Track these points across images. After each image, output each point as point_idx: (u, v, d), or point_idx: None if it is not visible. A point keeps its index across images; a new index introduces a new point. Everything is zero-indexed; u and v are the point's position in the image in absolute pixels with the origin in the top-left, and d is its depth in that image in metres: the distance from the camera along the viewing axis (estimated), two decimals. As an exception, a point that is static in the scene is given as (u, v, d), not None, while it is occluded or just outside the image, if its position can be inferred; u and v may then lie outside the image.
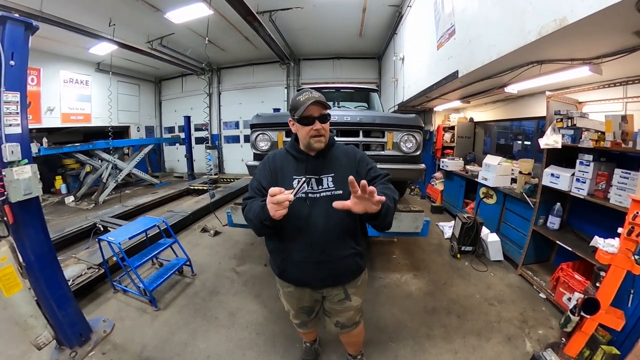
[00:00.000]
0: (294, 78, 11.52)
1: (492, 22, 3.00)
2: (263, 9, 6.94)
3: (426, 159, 8.01)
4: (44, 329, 2.33)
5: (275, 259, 1.84)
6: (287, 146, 1.81)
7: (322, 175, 1.67)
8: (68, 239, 4.87)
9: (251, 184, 1.79)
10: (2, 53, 2.03)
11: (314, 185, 1.66)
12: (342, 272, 1.79)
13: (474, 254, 4.41)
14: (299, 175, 1.66)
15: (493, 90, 4.47)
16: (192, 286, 3.70)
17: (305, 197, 1.63)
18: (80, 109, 10.11)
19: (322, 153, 1.70)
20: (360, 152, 1.84)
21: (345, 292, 1.88)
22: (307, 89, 1.64)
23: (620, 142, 2.73)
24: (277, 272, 1.85)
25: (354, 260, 1.78)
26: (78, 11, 6.36)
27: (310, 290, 1.86)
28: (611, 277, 2.11)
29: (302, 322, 2.10)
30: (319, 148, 1.65)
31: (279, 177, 1.70)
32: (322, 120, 1.61)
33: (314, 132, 1.60)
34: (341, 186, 1.63)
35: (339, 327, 2.03)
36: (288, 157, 1.75)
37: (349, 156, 1.76)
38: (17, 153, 2.10)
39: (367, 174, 1.70)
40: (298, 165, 1.71)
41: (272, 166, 1.75)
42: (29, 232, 2.26)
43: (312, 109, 1.57)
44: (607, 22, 1.91)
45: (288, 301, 2.01)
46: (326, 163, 1.70)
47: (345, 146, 1.85)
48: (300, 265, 1.72)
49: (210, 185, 7.67)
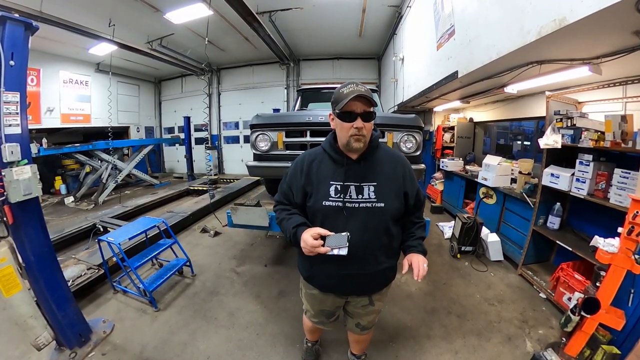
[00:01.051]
0: (293, 78, 11.52)
1: (492, 22, 3.01)
2: (263, 10, 6.95)
3: (426, 159, 8.02)
4: (44, 329, 2.32)
5: (303, 262, 1.76)
6: (324, 144, 1.64)
7: (363, 184, 1.52)
8: (68, 239, 4.86)
9: (281, 186, 1.72)
10: (1, 53, 2.02)
11: (352, 194, 1.51)
12: (372, 284, 1.75)
13: (474, 254, 4.41)
14: (337, 181, 1.53)
15: (493, 91, 4.48)
16: (192, 287, 3.70)
17: (343, 207, 1.50)
18: (80, 109, 10.10)
19: (364, 156, 1.56)
20: (408, 163, 1.68)
21: (370, 299, 1.84)
22: (353, 82, 1.47)
23: (619, 142, 2.73)
24: (305, 275, 1.80)
25: (384, 274, 1.72)
26: (78, 11, 6.36)
27: (334, 296, 1.81)
28: (611, 277, 2.12)
29: (320, 321, 2.06)
30: (357, 149, 1.49)
31: (314, 181, 1.57)
32: (365, 118, 1.44)
33: (354, 131, 1.44)
34: (383, 198, 1.51)
35: (359, 328, 2.01)
36: (325, 159, 1.60)
37: (396, 164, 1.61)
38: (16, 153, 2.09)
39: (414, 204, 1.64)
40: (336, 169, 1.55)
41: (305, 171, 1.60)
42: (28, 232, 2.26)
43: (355, 104, 1.41)
44: (607, 22, 1.91)
45: (309, 302, 1.96)
46: (369, 169, 1.55)
47: (394, 151, 1.73)
48: (330, 275, 1.66)
49: (210, 185, 7.68)
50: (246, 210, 3.15)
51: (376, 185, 1.53)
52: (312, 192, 1.58)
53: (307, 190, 1.59)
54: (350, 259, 1.44)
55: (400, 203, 1.59)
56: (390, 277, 1.78)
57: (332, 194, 1.53)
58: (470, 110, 6.97)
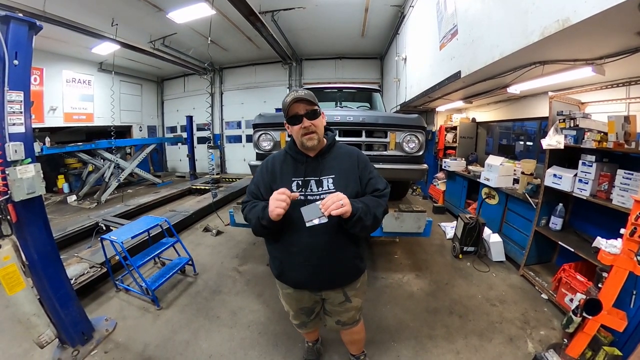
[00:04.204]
0: (296, 78, 11.52)
1: (495, 23, 3.00)
2: (265, 9, 6.96)
3: (428, 159, 7.98)
4: (47, 327, 2.33)
5: (274, 261, 1.82)
6: (286, 147, 1.78)
7: (322, 177, 1.64)
8: (70, 238, 4.89)
9: (249, 188, 1.78)
10: (6, 52, 2.03)
11: (313, 187, 1.63)
12: (341, 274, 1.79)
13: (476, 254, 4.41)
14: (297, 177, 1.64)
15: (495, 91, 4.47)
16: (194, 285, 3.71)
17: (305, 199, 1.58)
18: (83, 108, 10.15)
19: (322, 153, 1.68)
20: (364, 156, 1.79)
21: (345, 295, 1.87)
22: (294, 89, 1.59)
23: (623, 143, 2.72)
24: (276, 273, 1.84)
25: (353, 262, 1.78)
26: (81, 11, 6.39)
27: (308, 292, 1.85)
28: (614, 278, 2.11)
29: (301, 322, 2.09)
30: (312, 146, 1.61)
31: (278, 179, 1.67)
32: (310, 116, 1.57)
33: (303, 131, 1.57)
34: (342, 188, 1.58)
35: (340, 324, 2.03)
36: (287, 159, 1.72)
37: (351, 158, 1.72)
38: (20, 152, 2.11)
39: (367, 184, 1.68)
40: (297, 166, 1.67)
41: (270, 169, 1.72)
42: (32, 231, 2.28)
43: (297, 106, 1.55)
44: (610, 23, 1.91)
45: (287, 302, 2.00)
46: (327, 164, 1.67)
47: (349, 147, 1.81)
48: (298, 268, 1.70)
49: (212, 185, 7.69)
50: None
51: (334, 177, 1.64)
52: (276, 189, 1.62)
53: (272, 187, 1.64)
54: (316, 247, 1.61)
55: (358, 191, 1.66)
56: (361, 266, 1.85)
57: (295, 188, 1.63)
58: (472, 110, 6.95)
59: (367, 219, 1.52)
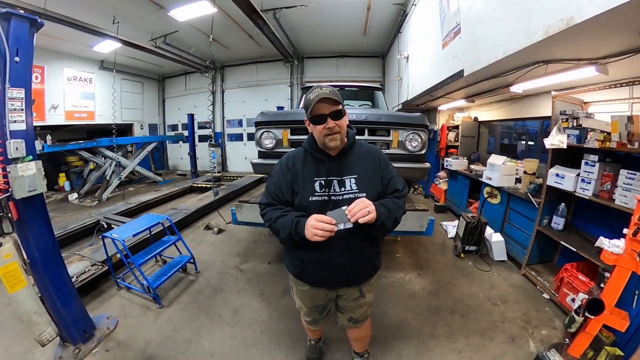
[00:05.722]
0: (297, 76, 11.53)
1: (498, 21, 2.99)
2: (267, 7, 6.96)
3: (430, 158, 7.98)
4: (48, 325, 2.34)
5: (292, 259, 1.80)
6: (305, 145, 1.71)
7: (344, 177, 1.61)
8: (72, 236, 4.89)
9: (268, 188, 1.74)
10: (7, 49, 2.03)
11: (336, 187, 1.60)
12: (361, 273, 1.80)
13: (477, 253, 4.40)
14: (320, 177, 1.61)
15: (498, 90, 4.45)
16: (196, 284, 3.71)
17: (328, 200, 1.57)
18: (84, 106, 10.17)
19: (343, 152, 1.64)
20: (384, 155, 1.76)
21: (360, 291, 1.88)
22: (318, 86, 1.54)
23: (626, 143, 2.71)
24: (294, 272, 1.82)
25: (372, 261, 1.79)
26: (82, 9, 6.40)
27: (325, 289, 1.85)
28: (616, 278, 2.11)
29: (313, 319, 2.08)
30: (334, 146, 1.56)
31: (300, 180, 1.63)
32: (334, 117, 1.51)
33: (326, 131, 1.51)
34: (365, 188, 1.58)
35: (352, 322, 2.03)
36: (307, 158, 1.67)
37: (373, 157, 1.70)
38: (21, 150, 2.10)
39: (388, 184, 1.67)
40: (319, 166, 1.63)
41: (291, 168, 1.67)
42: (33, 228, 2.27)
43: (322, 106, 1.48)
44: (614, 22, 1.90)
45: (302, 299, 1.98)
46: (348, 163, 1.64)
47: (369, 145, 1.79)
48: (321, 268, 1.69)
49: (213, 183, 7.69)
50: (250, 207, 3.16)
51: (357, 177, 1.62)
52: (298, 190, 1.63)
53: (294, 188, 1.64)
54: (338, 247, 1.59)
55: (379, 191, 1.65)
56: (378, 263, 1.87)
57: (317, 189, 1.60)
58: (475, 109, 6.94)
59: (388, 222, 1.53)
